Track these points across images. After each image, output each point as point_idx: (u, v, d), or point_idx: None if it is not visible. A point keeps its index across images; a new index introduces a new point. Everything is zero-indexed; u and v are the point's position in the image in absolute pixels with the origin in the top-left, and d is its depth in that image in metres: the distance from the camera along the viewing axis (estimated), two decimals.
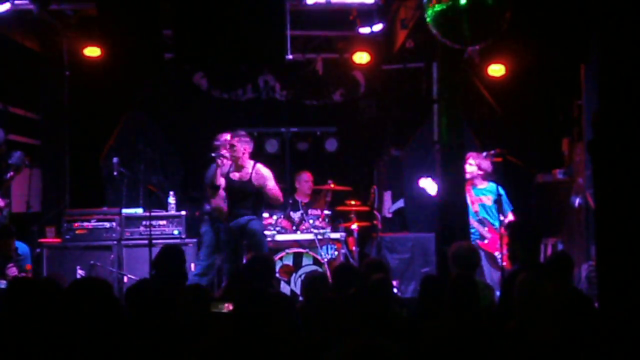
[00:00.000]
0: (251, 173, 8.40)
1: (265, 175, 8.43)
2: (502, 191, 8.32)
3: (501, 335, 4.23)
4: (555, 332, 4.09)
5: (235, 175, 8.45)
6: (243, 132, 8.54)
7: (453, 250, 6.20)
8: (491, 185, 8.43)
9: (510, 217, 8.46)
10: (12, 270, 8.12)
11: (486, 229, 8.34)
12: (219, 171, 8.39)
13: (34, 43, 9.83)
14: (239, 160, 8.40)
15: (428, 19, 6.06)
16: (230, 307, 5.06)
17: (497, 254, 8.21)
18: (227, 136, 8.62)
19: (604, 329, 4.03)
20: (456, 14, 5.83)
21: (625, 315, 4.24)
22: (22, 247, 8.02)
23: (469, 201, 8.30)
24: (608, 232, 5.29)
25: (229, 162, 8.45)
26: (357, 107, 11.44)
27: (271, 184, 8.43)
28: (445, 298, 4.75)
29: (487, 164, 8.49)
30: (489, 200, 8.41)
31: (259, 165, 8.49)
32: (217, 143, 8.79)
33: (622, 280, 5.09)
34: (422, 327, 4.43)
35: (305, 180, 10.13)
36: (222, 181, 8.41)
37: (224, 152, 8.44)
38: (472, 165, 8.44)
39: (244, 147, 8.40)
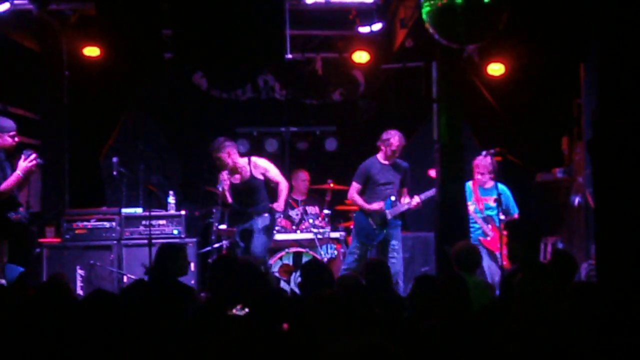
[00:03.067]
0: (250, 169, 8.46)
1: (263, 165, 8.58)
2: (508, 192, 8.35)
3: (501, 335, 4.23)
4: (555, 332, 4.09)
5: (236, 179, 8.50)
6: (216, 142, 8.57)
7: (455, 250, 6.21)
8: (494, 186, 8.48)
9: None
10: None
11: (489, 226, 8.35)
12: (225, 191, 8.56)
13: (33, 43, 9.81)
14: (230, 166, 8.45)
15: (424, 17, 6.05)
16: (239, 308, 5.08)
17: (498, 253, 8.22)
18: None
19: (604, 328, 4.03)
20: (452, 12, 5.82)
21: (624, 314, 4.24)
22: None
23: (474, 199, 8.33)
24: (607, 231, 5.30)
25: (226, 174, 8.56)
26: (356, 107, 11.44)
27: (273, 171, 8.60)
28: (436, 298, 4.74)
29: (491, 163, 8.52)
30: (493, 201, 8.43)
31: (254, 158, 8.59)
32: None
33: (621, 279, 5.09)
34: (416, 327, 4.43)
35: (302, 179, 10.14)
36: (228, 197, 8.58)
37: (222, 177, 8.58)
38: (485, 174, 8.48)
39: (225, 152, 8.43)
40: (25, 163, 7.08)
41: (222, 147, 8.46)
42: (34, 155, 7.16)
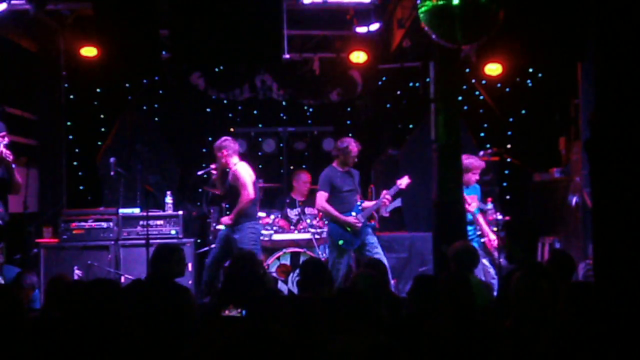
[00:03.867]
0: (230, 174, 8.57)
1: (237, 172, 8.58)
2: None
3: (498, 334, 4.24)
4: (551, 331, 4.10)
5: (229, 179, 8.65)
6: (219, 139, 8.74)
7: (453, 250, 6.21)
8: (475, 185, 8.54)
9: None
10: None
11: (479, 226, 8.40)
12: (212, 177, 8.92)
13: (30, 43, 9.81)
14: (222, 164, 8.67)
15: (421, 17, 6.04)
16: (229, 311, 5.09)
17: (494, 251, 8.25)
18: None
19: (600, 327, 4.03)
20: (449, 12, 5.81)
21: (621, 314, 4.24)
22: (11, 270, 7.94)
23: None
24: (605, 231, 5.29)
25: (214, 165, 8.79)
26: (354, 107, 11.44)
27: (240, 181, 8.52)
28: (437, 297, 4.74)
29: (482, 164, 8.55)
30: (475, 199, 8.47)
31: (240, 164, 8.57)
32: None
33: (619, 279, 5.10)
34: (416, 326, 4.43)
35: (303, 181, 10.14)
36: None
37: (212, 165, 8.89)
38: (477, 174, 8.51)
39: (221, 152, 8.59)
40: None
41: (220, 145, 8.63)
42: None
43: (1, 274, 7.69)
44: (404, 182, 8.84)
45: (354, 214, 8.60)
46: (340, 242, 8.52)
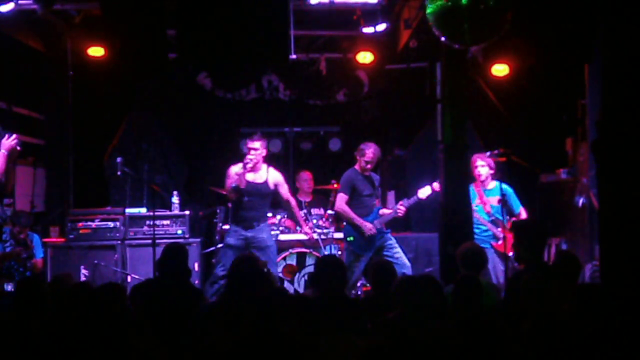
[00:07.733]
0: (267, 175, 8.41)
1: (278, 177, 8.52)
2: (510, 190, 8.32)
3: (508, 335, 4.23)
4: (559, 332, 4.09)
5: (249, 177, 8.35)
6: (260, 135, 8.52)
7: (460, 251, 6.21)
8: (497, 185, 8.44)
9: (523, 214, 8.45)
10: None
11: (499, 229, 8.31)
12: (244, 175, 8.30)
13: (37, 43, 9.84)
14: (254, 162, 8.33)
15: (428, 17, 6.04)
16: None
17: (511, 253, 8.19)
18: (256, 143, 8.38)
19: (607, 329, 4.03)
20: (457, 13, 5.80)
21: (628, 315, 4.24)
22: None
23: (480, 202, 8.31)
24: (611, 232, 5.30)
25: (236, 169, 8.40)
26: (360, 107, 11.44)
27: (285, 187, 8.58)
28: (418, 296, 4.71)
29: (492, 162, 8.50)
30: (496, 200, 8.41)
31: (271, 168, 8.51)
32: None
33: (625, 280, 5.09)
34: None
35: (304, 179, 10.14)
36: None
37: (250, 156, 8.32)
38: (485, 167, 8.44)
39: (264, 149, 8.40)
40: (8, 141, 7.10)
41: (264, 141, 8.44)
42: (14, 136, 7.20)
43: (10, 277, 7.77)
44: (425, 192, 8.67)
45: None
46: (350, 238, 8.47)
